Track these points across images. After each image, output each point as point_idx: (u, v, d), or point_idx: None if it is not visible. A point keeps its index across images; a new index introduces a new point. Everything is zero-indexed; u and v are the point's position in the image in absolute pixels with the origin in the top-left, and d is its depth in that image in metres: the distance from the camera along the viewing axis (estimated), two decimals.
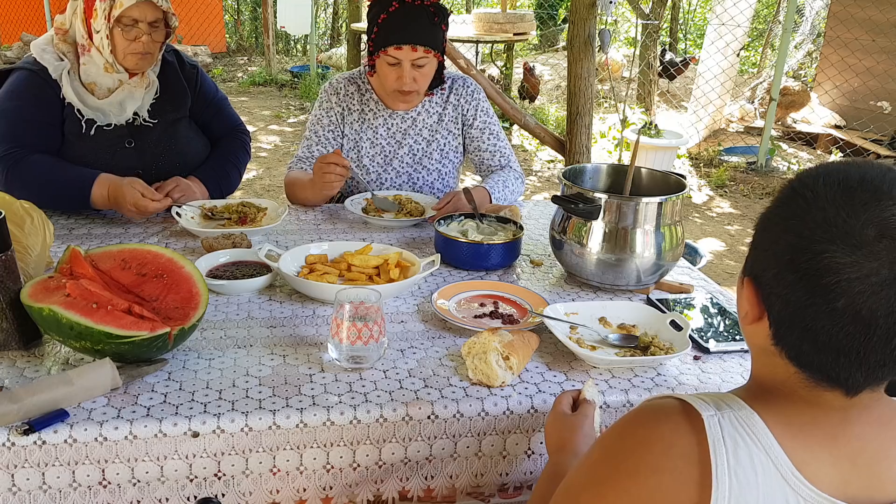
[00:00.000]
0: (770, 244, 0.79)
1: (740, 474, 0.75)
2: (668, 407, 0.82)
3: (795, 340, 0.78)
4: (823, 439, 0.79)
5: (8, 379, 1.22)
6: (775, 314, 0.79)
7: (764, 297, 0.80)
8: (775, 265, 0.78)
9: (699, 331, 1.50)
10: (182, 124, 2.14)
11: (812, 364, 0.78)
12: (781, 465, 0.76)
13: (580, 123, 4.10)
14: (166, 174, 2.06)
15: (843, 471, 0.78)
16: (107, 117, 2.00)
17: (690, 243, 3.11)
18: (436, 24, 2.08)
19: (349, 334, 1.26)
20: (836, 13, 7.29)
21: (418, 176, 2.30)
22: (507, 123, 6.88)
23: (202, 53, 9.68)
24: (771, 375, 0.83)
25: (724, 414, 0.79)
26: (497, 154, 2.31)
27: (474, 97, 2.30)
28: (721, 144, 6.90)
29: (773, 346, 0.81)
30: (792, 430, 0.79)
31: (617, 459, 0.81)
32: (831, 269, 0.72)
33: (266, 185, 5.71)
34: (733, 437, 0.77)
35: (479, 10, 9.01)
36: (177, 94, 2.13)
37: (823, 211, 0.74)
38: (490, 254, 1.74)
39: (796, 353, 0.78)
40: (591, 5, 3.84)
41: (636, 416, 0.84)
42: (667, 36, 10.46)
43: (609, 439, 0.85)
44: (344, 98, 2.27)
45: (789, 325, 0.77)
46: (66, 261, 1.32)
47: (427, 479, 1.22)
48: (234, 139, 2.30)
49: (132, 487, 1.13)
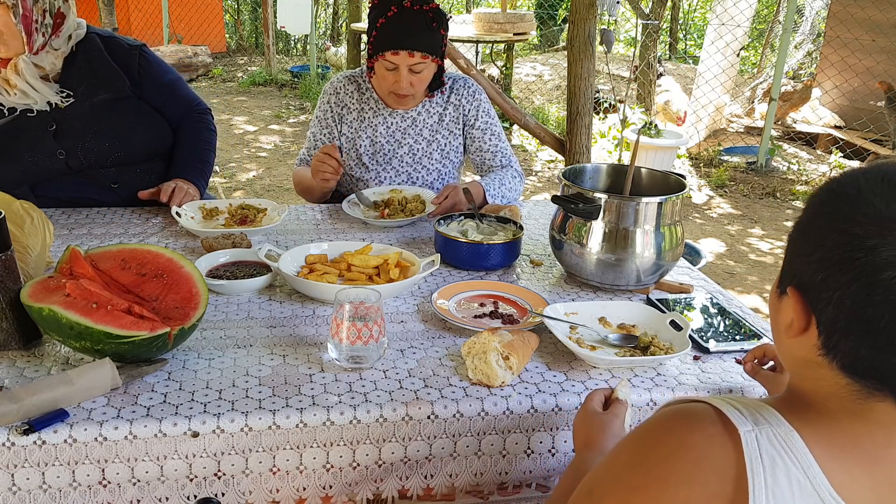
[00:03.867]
0: (814, 248, 0.76)
1: (777, 494, 0.73)
2: (701, 413, 0.78)
3: (852, 345, 0.74)
4: (865, 461, 0.76)
5: (8, 379, 1.22)
6: (826, 321, 0.75)
7: (812, 305, 0.76)
8: (824, 269, 0.74)
9: (699, 331, 1.50)
10: (120, 105, 2.11)
11: (869, 369, 0.74)
12: (820, 487, 0.74)
13: (580, 123, 4.10)
14: (97, 155, 2.06)
15: (880, 494, 0.76)
16: (26, 104, 2.00)
17: (690, 243, 3.11)
18: (434, 29, 2.08)
19: (349, 334, 1.26)
20: (836, 13, 7.30)
21: (418, 175, 2.30)
22: (507, 123, 6.89)
23: (202, 53, 9.67)
24: (814, 389, 0.79)
25: (762, 430, 0.75)
26: (498, 154, 2.32)
27: (476, 97, 2.31)
28: (721, 144, 6.90)
29: (820, 356, 0.77)
30: (832, 451, 0.76)
31: (646, 466, 0.77)
32: (888, 262, 0.69)
33: (266, 185, 5.71)
34: (771, 455, 0.74)
35: (479, 10, 9.01)
36: (106, 76, 2.10)
37: (872, 206, 0.72)
38: (490, 254, 1.74)
39: (851, 361, 0.74)
40: (591, 5, 3.84)
41: (667, 420, 0.80)
42: (667, 36, 10.47)
43: (637, 443, 0.81)
44: (343, 97, 2.29)
45: (844, 329, 0.73)
46: (66, 261, 1.32)
47: (427, 478, 1.22)
48: (197, 123, 2.29)
49: (132, 487, 1.13)
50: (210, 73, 9.85)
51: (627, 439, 0.83)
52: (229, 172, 5.97)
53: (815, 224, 0.77)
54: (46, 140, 2.03)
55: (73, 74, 2.07)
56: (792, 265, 0.80)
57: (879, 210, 0.71)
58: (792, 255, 0.80)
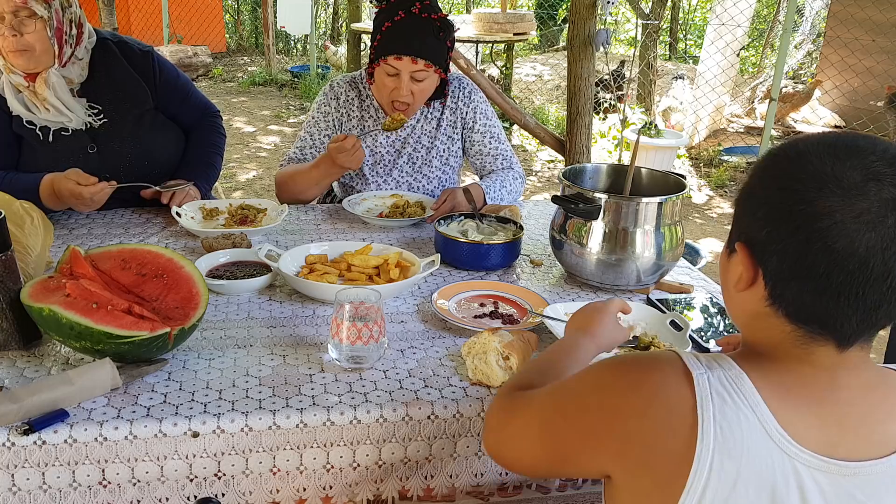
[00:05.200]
0: (759, 206, 0.83)
1: (725, 428, 0.79)
2: (663, 357, 0.87)
3: (795, 293, 0.80)
4: (811, 401, 0.82)
5: (8, 379, 1.22)
6: (772, 272, 0.82)
7: (758, 258, 0.83)
8: (768, 224, 0.81)
9: (699, 331, 1.50)
10: (146, 119, 2.08)
11: (811, 313, 0.81)
12: (767, 423, 0.80)
13: (580, 123, 4.10)
14: (137, 175, 2.02)
15: (829, 433, 0.81)
16: (59, 123, 1.95)
17: (690, 243, 3.12)
18: (440, 39, 2.04)
19: (349, 334, 1.26)
20: (836, 13, 7.30)
21: (419, 185, 2.27)
22: (507, 123, 6.88)
23: (202, 53, 9.67)
24: (764, 339, 0.86)
25: (713, 372, 0.83)
26: (499, 157, 2.28)
27: (472, 99, 2.26)
28: (721, 144, 6.90)
29: (767, 307, 0.84)
30: (780, 392, 0.82)
31: (606, 394, 0.87)
32: (825, 212, 0.76)
33: (266, 185, 5.71)
34: (721, 393, 0.81)
35: (479, 10, 9.02)
36: (130, 88, 2.05)
37: (811, 164, 0.79)
38: (490, 254, 1.74)
39: (796, 308, 0.81)
40: (591, 5, 3.84)
41: (633, 359, 0.89)
42: (666, 36, 10.47)
43: (604, 371, 0.90)
44: (344, 104, 2.24)
45: (788, 278, 0.80)
46: (66, 261, 1.32)
47: (427, 478, 1.22)
48: (208, 127, 2.27)
49: (132, 487, 1.13)
50: (210, 73, 9.85)
51: (599, 365, 0.93)
52: (229, 172, 5.97)
53: (759, 185, 0.85)
54: (91, 163, 1.97)
55: (95, 85, 2.01)
56: (739, 224, 0.87)
57: (816, 167, 0.78)
58: (739, 215, 0.87)
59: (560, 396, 0.94)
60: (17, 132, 1.95)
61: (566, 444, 0.91)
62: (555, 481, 1.28)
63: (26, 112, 1.92)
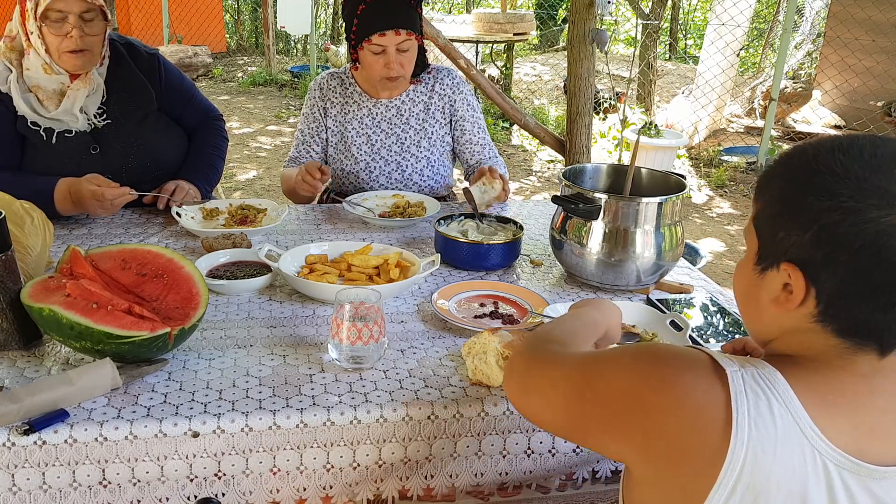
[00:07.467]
0: (808, 227, 0.80)
1: (759, 424, 0.78)
2: (695, 356, 0.85)
3: (852, 310, 0.80)
4: (847, 408, 0.82)
5: (8, 379, 1.22)
6: (828, 291, 0.81)
7: (811, 278, 0.81)
8: (824, 245, 0.79)
9: (699, 330, 1.50)
10: (149, 121, 2.08)
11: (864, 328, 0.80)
12: (801, 420, 0.79)
13: (580, 123, 4.10)
14: (138, 177, 2.02)
15: (861, 438, 0.81)
16: (65, 124, 1.95)
17: (690, 243, 3.11)
18: (412, 6, 2.14)
19: (349, 334, 1.26)
20: (836, 13, 7.30)
21: (407, 164, 2.33)
22: (507, 123, 6.88)
23: (202, 53, 9.66)
24: (800, 350, 0.85)
25: (747, 370, 0.82)
26: (486, 147, 2.37)
27: (460, 89, 2.35)
28: (721, 144, 6.90)
29: (813, 323, 0.83)
30: (815, 398, 0.81)
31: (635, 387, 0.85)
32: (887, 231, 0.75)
33: (266, 185, 5.71)
34: (755, 389, 0.80)
35: (479, 10, 9.02)
36: (135, 89, 2.06)
37: (866, 181, 0.77)
38: (490, 254, 1.74)
39: (849, 324, 0.81)
40: (590, 5, 3.84)
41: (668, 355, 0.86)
42: (666, 36, 10.47)
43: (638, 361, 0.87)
44: (326, 92, 2.33)
45: (847, 296, 0.79)
46: (66, 261, 1.32)
47: (427, 478, 1.22)
48: (211, 130, 2.28)
49: (132, 487, 1.13)
50: (210, 73, 9.85)
51: (636, 351, 0.90)
52: (229, 172, 5.97)
53: (802, 204, 0.81)
54: (94, 164, 1.97)
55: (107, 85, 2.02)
56: (779, 244, 0.84)
57: (873, 183, 0.77)
58: (774, 234, 0.85)
59: (593, 369, 0.92)
60: (20, 132, 1.95)
61: (589, 420, 0.90)
62: (555, 481, 1.28)
63: (32, 113, 1.92)
